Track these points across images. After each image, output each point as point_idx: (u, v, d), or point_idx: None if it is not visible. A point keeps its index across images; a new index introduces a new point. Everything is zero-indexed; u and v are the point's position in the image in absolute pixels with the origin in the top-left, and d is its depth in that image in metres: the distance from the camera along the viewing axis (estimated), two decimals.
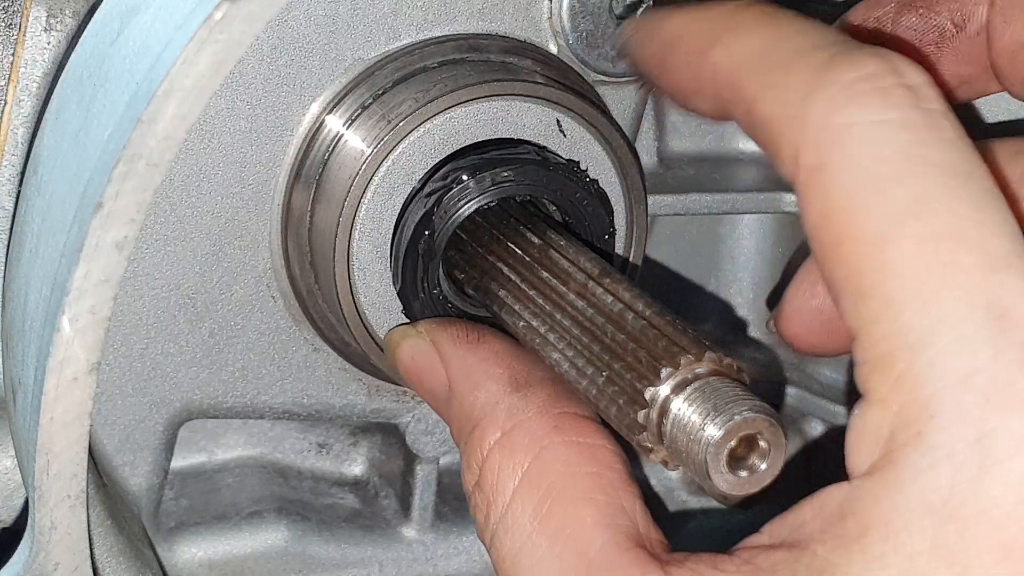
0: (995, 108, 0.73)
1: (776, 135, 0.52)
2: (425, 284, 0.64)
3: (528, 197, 0.64)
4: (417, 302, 0.65)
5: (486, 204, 0.63)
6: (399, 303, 0.65)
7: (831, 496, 0.49)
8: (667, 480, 0.85)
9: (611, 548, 0.52)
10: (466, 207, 0.63)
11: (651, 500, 0.67)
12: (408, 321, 0.65)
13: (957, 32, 0.62)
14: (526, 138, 0.65)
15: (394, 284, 0.64)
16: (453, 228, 0.63)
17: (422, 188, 0.64)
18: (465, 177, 0.63)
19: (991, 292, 0.46)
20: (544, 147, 0.65)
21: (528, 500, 0.55)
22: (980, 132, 0.64)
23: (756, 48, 0.54)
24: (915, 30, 0.64)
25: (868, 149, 0.49)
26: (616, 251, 0.68)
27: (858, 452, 0.49)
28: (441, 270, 0.65)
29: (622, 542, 0.52)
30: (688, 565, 0.51)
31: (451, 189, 0.63)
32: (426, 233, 0.63)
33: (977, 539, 0.45)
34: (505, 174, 0.63)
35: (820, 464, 0.85)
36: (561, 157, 0.65)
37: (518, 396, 0.58)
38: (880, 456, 0.47)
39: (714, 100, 0.55)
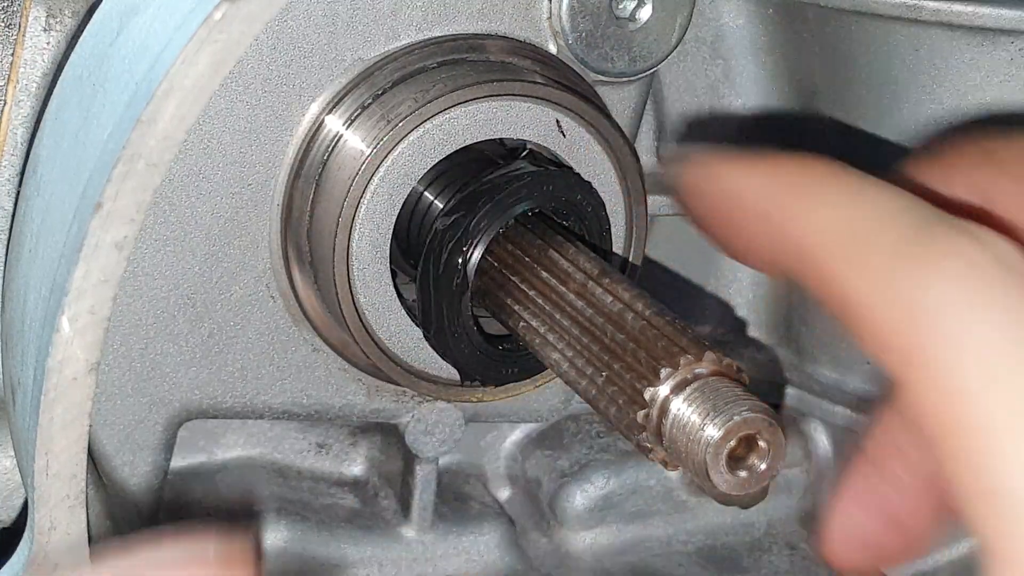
0: None
1: (864, 319, 0.49)
2: (459, 321, 0.64)
3: (538, 209, 0.64)
4: (435, 330, 0.65)
5: (504, 225, 0.63)
6: (399, 303, 0.65)
7: None
8: (667, 480, 0.85)
9: None
10: (485, 235, 0.63)
11: None
12: (416, 326, 0.65)
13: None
14: (526, 138, 0.65)
15: (422, 326, 0.64)
16: (441, 236, 0.63)
17: (442, 210, 0.63)
18: (483, 203, 0.63)
19: None
20: (534, 152, 0.65)
21: None
22: None
23: (835, 221, 0.51)
24: (982, 196, 0.57)
25: (972, 334, 0.46)
26: (616, 251, 0.68)
27: None
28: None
29: None
30: None
31: (428, 198, 0.63)
32: (459, 264, 0.63)
33: None
34: (520, 193, 0.63)
35: (820, 464, 0.85)
36: (557, 161, 0.65)
37: None
38: None
39: (778, 266, 0.53)
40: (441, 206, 0.65)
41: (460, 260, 0.63)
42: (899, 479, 0.56)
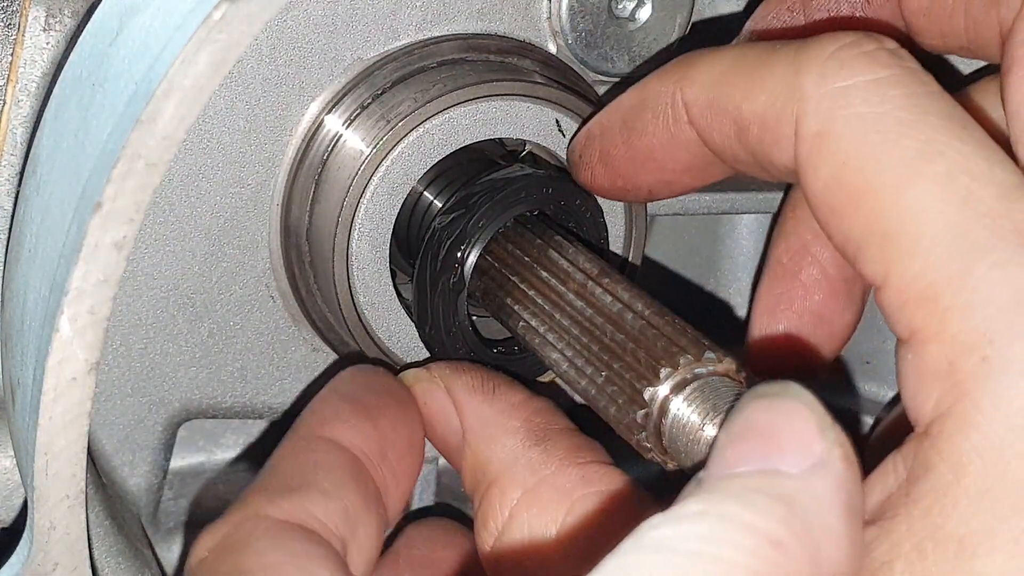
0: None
1: (771, 123, 0.53)
2: (455, 320, 0.64)
3: (537, 211, 0.64)
4: (431, 328, 0.65)
5: (503, 226, 0.63)
6: (398, 303, 0.65)
7: (908, 455, 0.48)
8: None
9: None
10: (484, 234, 0.63)
11: None
12: (414, 324, 0.65)
13: (868, 4, 0.63)
14: (526, 138, 0.65)
15: (419, 322, 0.64)
16: (440, 235, 0.63)
17: (439, 210, 0.64)
18: (482, 203, 0.63)
19: (1014, 218, 0.47)
20: (533, 154, 0.65)
21: (571, 556, 0.54)
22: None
23: (723, 68, 0.56)
24: (828, 11, 0.64)
25: (869, 107, 0.50)
26: (615, 251, 0.68)
27: (920, 395, 0.48)
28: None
29: None
30: None
31: (428, 198, 0.64)
32: (456, 265, 0.63)
33: None
34: (520, 195, 0.63)
35: None
36: (558, 162, 0.65)
37: (538, 450, 0.58)
38: (947, 391, 0.47)
39: (695, 137, 0.57)
40: (440, 205, 0.65)
41: (457, 258, 0.63)
42: (813, 278, 0.63)
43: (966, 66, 0.71)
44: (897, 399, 0.70)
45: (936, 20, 0.61)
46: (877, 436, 0.67)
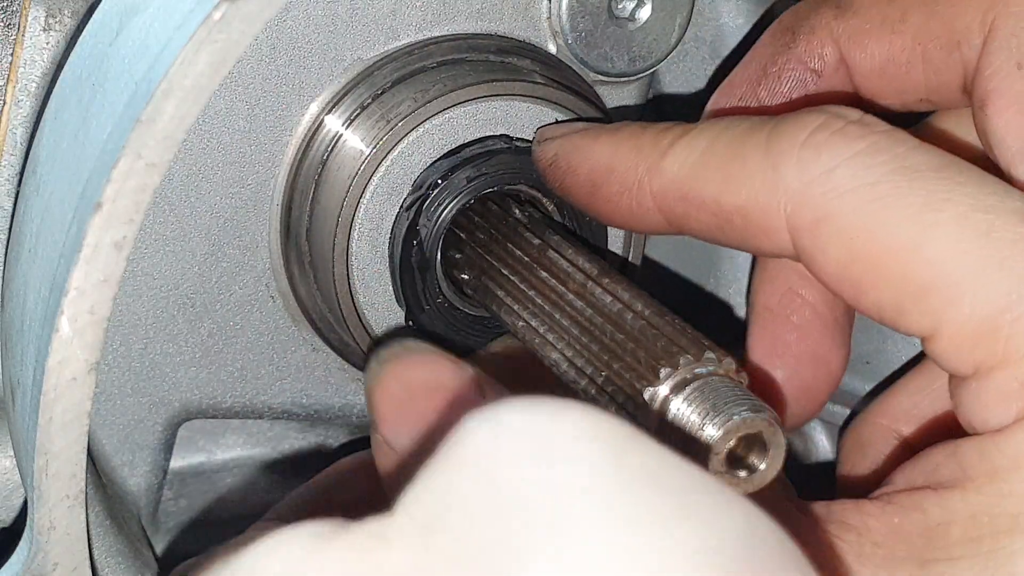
0: None
1: (756, 216, 0.54)
2: (427, 295, 0.65)
3: (506, 187, 0.64)
4: (424, 314, 0.65)
5: (466, 203, 0.64)
6: (398, 303, 0.65)
7: (965, 447, 0.52)
8: None
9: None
10: (446, 211, 0.63)
11: None
12: (410, 326, 0.65)
13: (819, 78, 0.63)
14: (525, 138, 0.65)
15: (399, 303, 0.65)
16: (441, 234, 0.64)
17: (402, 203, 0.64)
18: (440, 181, 0.63)
19: None
20: (512, 136, 0.65)
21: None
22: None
23: (695, 159, 0.56)
24: (781, 94, 0.65)
25: (859, 181, 0.52)
26: (615, 251, 0.68)
27: (992, 411, 0.51)
28: (440, 275, 0.65)
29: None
30: (834, 509, 0.53)
31: (428, 196, 0.64)
32: (415, 244, 0.64)
33: None
34: (479, 169, 0.64)
35: (818, 464, 0.85)
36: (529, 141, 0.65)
37: None
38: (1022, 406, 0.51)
39: (661, 220, 0.58)
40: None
41: (416, 240, 0.63)
42: (806, 319, 0.63)
43: None
44: (873, 395, 0.71)
45: (892, 78, 0.62)
46: (855, 428, 0.67)
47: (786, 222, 0.53)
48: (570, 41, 0.68)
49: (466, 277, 0.64)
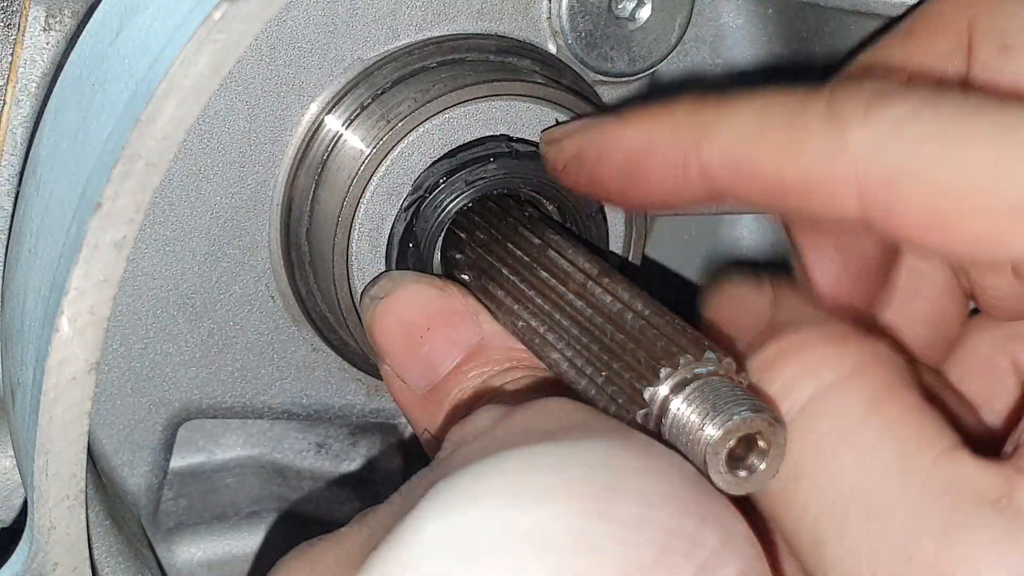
0: None
1: (822, 182, 0.53)
2: None
3: (506, 190, 0.64)
4: None
5: (465, 205, 0.63)
6: None
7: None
8: None
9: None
10: (446, 212, 0.63)
11: None
12: None
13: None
14: (525, 138, 0.65)
15: None
16: (439, 236, 0.64)
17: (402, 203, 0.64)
18: (440, 182, 0.63)
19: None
20: (512, 138, 0.65)
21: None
22: None
23: (747, 129, 0.55)
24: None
25: (930, 127, 0.51)
26: (615, 251, 0.68)
27: None
28: (439, 275, 0.65)
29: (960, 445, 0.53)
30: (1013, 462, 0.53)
31: (427, 197, 0.63)
32: (411, 246, 0.64)
33: None
34: (479, 171, 0.63)
35: None
36: (531, 144, 0.65)
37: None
38: None
39: (704, 194, 0.57)
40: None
41: (413, 242, 0.63)
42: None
43: None
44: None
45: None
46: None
47: (856, 185, 0.52)
48: (570, 41, 0.68)
49: (466, 277, 0.64)
